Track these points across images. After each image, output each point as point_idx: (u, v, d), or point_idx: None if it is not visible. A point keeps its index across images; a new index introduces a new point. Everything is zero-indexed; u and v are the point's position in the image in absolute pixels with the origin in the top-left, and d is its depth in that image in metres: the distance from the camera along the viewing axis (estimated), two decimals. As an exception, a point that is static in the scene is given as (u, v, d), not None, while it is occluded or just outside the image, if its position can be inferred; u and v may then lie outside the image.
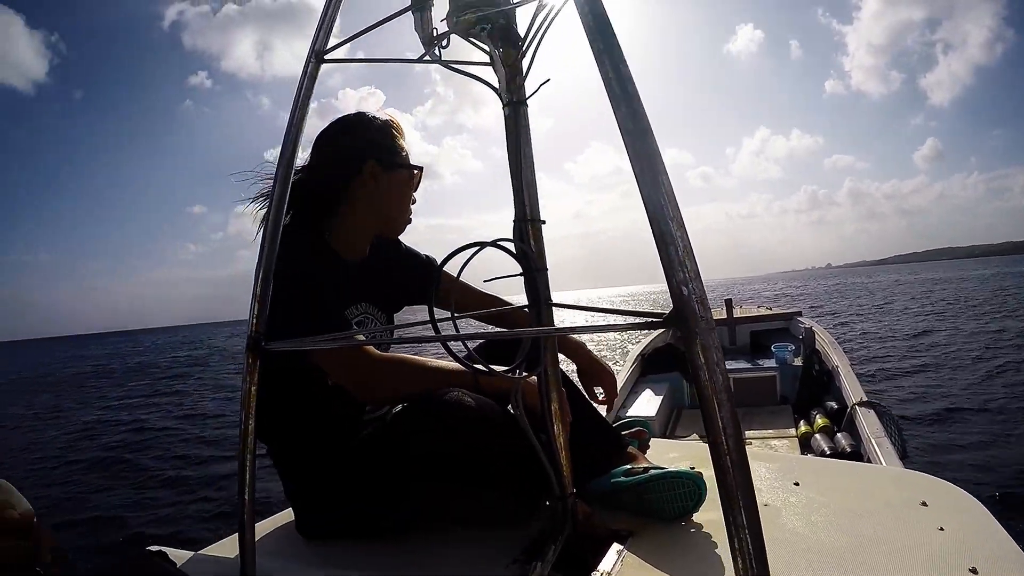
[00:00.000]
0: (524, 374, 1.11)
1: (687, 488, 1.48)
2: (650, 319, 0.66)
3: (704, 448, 2.15)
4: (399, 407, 1.72)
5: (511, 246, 1.01)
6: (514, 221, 1.06)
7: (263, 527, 1.76)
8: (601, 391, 1.85)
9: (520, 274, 1.03)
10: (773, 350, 6.22)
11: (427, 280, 1.94)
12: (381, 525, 1.58)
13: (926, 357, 13.08)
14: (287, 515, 1.78)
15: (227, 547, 1.62)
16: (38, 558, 0.96)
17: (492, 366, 0.95)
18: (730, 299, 8.10)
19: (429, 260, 2.01)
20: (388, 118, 1.79)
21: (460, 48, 1.15)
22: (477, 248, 0.91)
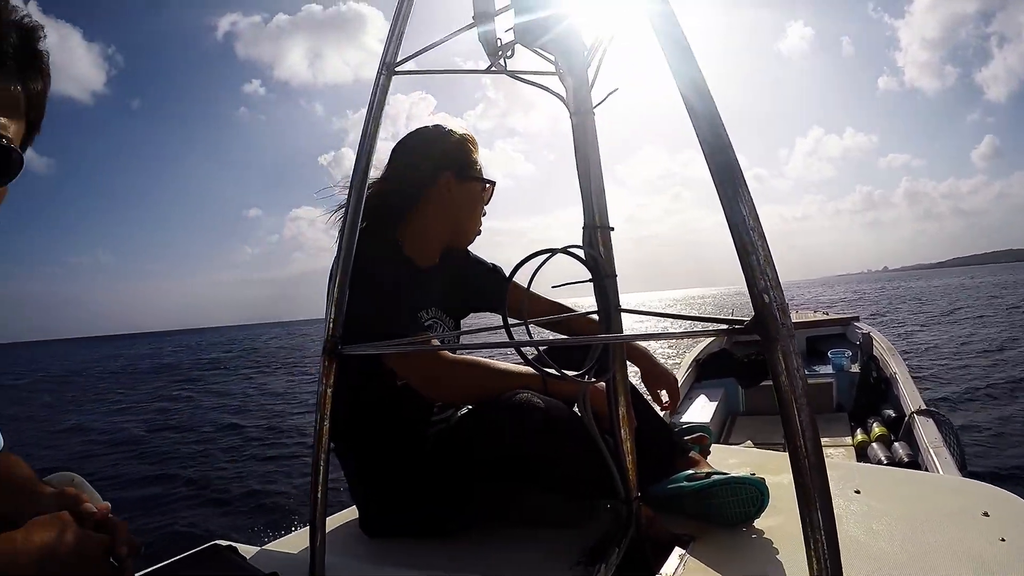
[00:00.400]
0: (593, 379, 1.13)
1: (750, 494, 1.49)
2: (731, 326, 0.69)
3: (763, 455, 2.15)
4: (466, 409, 1.77)
5: (581, 252, 1.04)
6: (583, 228, 1.08)
7: (336, 519, 1.82)
8: (664, 395, 1.88)
9: (589, 280, 1.05)
10: (830, 356, 6.12)
11: (493, 287, 2.00)
12: (447, 527, 1.62)
13: (1011, 377, 11.65)
14: (350, 513, 1.83)
15: (292, 543, 1.68)
16: (114, 550, 1.01)
17: (562, 371, 0.98)
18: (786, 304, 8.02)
19: (495, 267, 2.07)
20: (464, 132, 1.85)
21: (524, 57, 1.18)
22: (548, 255, 0.94)
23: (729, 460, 1.96)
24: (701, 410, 4.95)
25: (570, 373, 1.03)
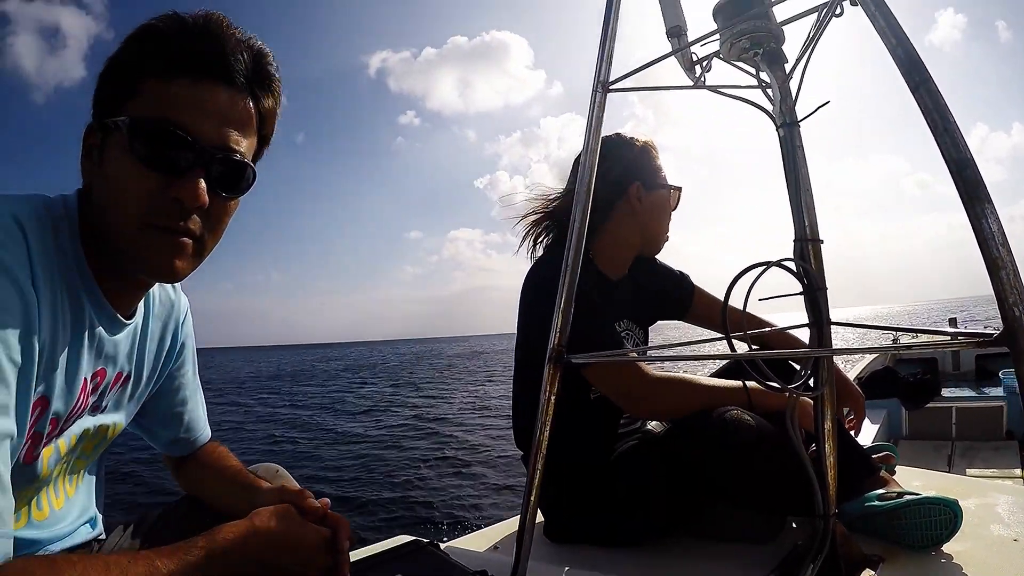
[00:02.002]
0: (800, 393, 1.17)
1: (943, 515, 1.49)
2: (977, 338, 0.74)
3: (947, 478, 2.14)
4: (661, 421, 1.83)
5: (792, 265, 1.09)
6: (794, 241, 1.13)
7: (511, 525, 1.95)
8: (850, 414, 1.89)
9: (800, 293, 1.10)
10: (1001, 377, 5.81)
11: (683, 296, 2.07)
12: (632, 536, 1.69)
13: None
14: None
15: (477, 540, 1.81)
16: (336, 543, 1.11)
17: (772, 384, 1.03)
18: (954, 318, 7.63)
19: (682, 275, 2.14)
20: (646, 139, 1.93)
21: (720, 70, 1.24)
22: (763, 268, 1.00)
23: (913, 482, 1.95)
24: (862, 433, 4.66)
25: (791, 386, 1.07)
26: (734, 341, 0.99)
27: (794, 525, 1.70)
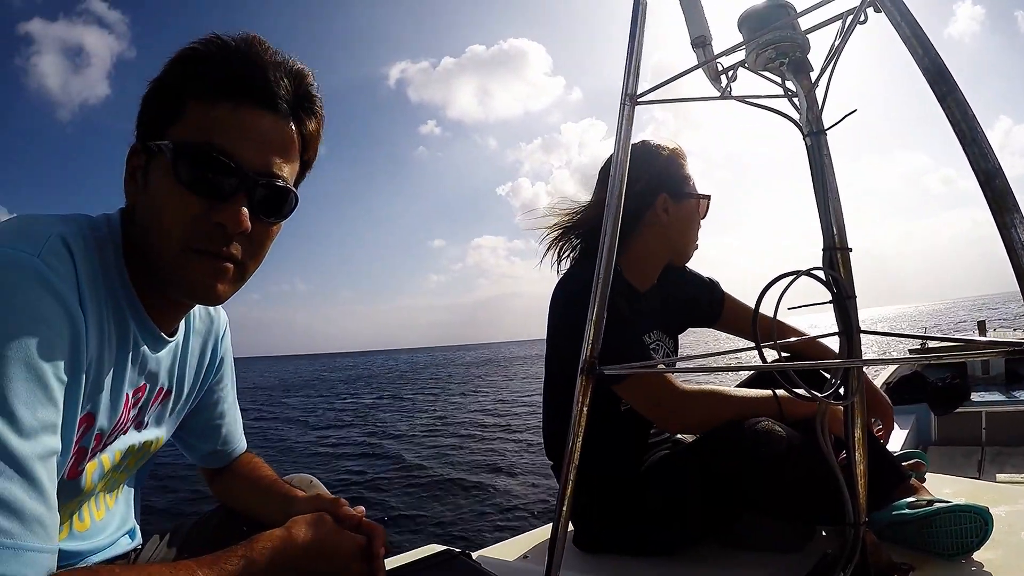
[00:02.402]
0: (831, 401, 1.17)
1: (974, 523, 1.50)
2: (1007, 348, 0.75)
3: (976, 485, 2.14)
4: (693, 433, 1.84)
5: (821, 274, 1.10)
6: (823, 249, 1.14)
7: (540, 534, 1.96)
8: (878, 422, 1.90)
9: (829, 301, 1.11)
10: (1031, 381, 5.78)
11: (713, 304, 2.07)
12: (662, 546, 1.71)
13: None
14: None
15: (507, 549, 1.82)
16: (372, 551, 1.13)
17: (802, 393, 1.04)
18: (983, 321, 7.56)
19: (712, 283, 2.14)
20: (673, 147, 1.91)
21: (745, 79, 1.25)
22: (794, 277, 1.01)
23: (943, 489, 1.95)
24: (891, 438, 4.61)
25: (805, 393, 1.08)
26: (764, 349, 1.01)
27: (824, 534, 1.71)
